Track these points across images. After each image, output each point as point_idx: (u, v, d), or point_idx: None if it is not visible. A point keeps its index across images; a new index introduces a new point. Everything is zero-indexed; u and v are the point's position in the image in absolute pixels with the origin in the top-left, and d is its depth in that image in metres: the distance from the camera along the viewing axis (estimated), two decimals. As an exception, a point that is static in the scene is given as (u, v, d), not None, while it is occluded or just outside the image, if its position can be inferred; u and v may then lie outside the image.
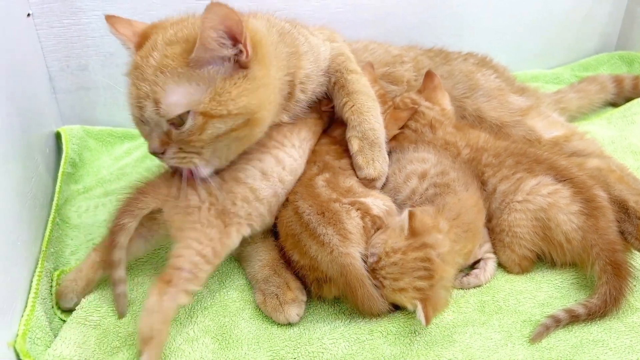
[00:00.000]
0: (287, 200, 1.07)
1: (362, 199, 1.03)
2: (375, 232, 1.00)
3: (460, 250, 1.01)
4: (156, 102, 0.91)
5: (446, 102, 1.28)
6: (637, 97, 1.66)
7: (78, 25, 1.42)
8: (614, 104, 1.69)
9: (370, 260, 0.97)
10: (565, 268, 1.08)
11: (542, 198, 1.03)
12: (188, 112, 0.91)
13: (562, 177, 1.06)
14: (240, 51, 0.92)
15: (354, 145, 1.13)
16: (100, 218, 1.28)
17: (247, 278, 1.09)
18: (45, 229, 1.16)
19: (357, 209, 1.01)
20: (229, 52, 0.92)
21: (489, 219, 1.11)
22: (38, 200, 1.16)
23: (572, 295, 1.03)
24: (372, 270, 0.96)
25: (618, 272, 0.96)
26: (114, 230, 0.96)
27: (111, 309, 1.01)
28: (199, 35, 0.88)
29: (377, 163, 1.12)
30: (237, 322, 1.00)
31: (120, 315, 0.96)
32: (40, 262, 1.06)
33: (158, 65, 0.91)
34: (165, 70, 0.90)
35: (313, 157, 1.14)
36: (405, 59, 1.44)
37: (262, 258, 1.08)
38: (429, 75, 1.29)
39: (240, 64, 0.94)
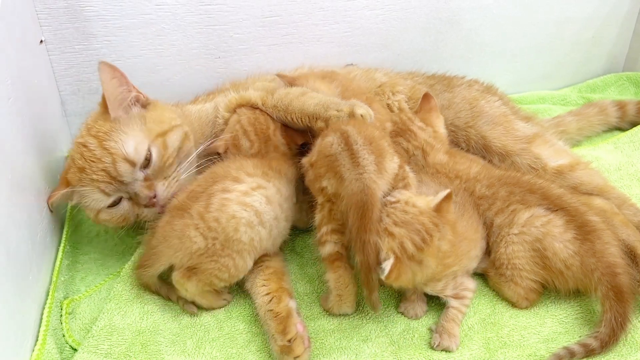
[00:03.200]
0: (327, 131, 1.08)
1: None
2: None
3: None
4: (125, 159, 1.07)
5: (440, 125, 1.29)
6: (643, 121, 1.66)
7: (89, 50, 1.44)
8: (620, 129, 1.69)
9: (389, 198, 1.00)
10: (570, 300, 1.09)
11: (536, 229, 1.05)
12: (148, 150, 1.09)
13: (555, 206, 1.07)
14: (137, 95, 1.15)
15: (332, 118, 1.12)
16: (110, 243, 1.30)
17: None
18: (55, 258, 1.18)
19: (399, 158, 1.06)
20: (131, 94, 1.14)
21: (489, 253, 1.13)
22: (49, 230, 1.18)
23: (576, 331, 1.04)
24: (383, 205, 0.99)
25: (620, 296, 0.97)
26: None
27: (121, 337, 1.03)
28: (106, 93, 1.09)
29: (356, 106, 1.11)
30: (244, 355, 1.02)
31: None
32: (51, 293, 1.08)
33: (99, 143, 1.08)
34: (108, 138, 1.08)
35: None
36: (399, 89, 1.43)
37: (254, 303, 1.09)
38: (426, 96, 1.30)
39: (142, 105, 1.16)
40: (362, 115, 1.09)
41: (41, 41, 1.38)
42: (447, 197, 0.99)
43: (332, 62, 1.64)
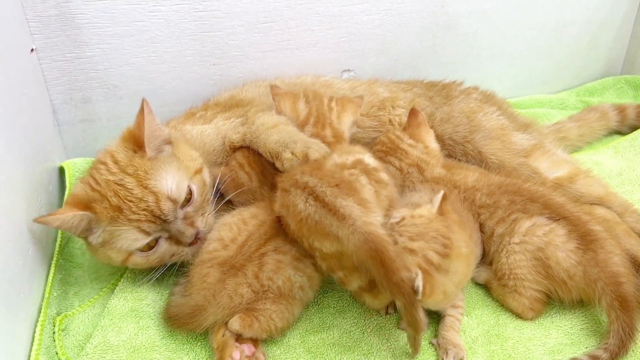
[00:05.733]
0: (284, 185, 1.02)
1: (360, 156, 1.06)
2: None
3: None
4: (169, 198, 1.04)
5: (430, 139, 1.27)
6: (643, 125, 1.65)
7: (81, 58, 1.41)
8: (620, 132, 1.68)
9: (392, 220, 0.98)
10: (575, 310, 1.07)
11: (538, 238, 1.04)
12: (189, 188, 1.08)
13: (557, 215, 1.06)
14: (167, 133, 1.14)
15: (285, 162, 1.09)
16: (104, 255, 1.27)
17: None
18: (48, 273, 1.15)
19: (363, 171, 1.01)
20: (164, 133, 1.12)
21: (490, 262, 1.11)
22: (41, 244, 1.14)
23: (582, 342, 1.02)
24: (389, 229, 0.96)
25: (626, 306, 0.96)
26: None
27: (116, 355, 1.00)
28: (146, 132, 1.06)
29: (311, 149, 1.08)
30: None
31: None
32: (43, 310, 1.05)
33: (139, 182, 1.04)
34: (149, 177, 1.04)
35: None
36: (400, 103, 1.41)
37: None
38: (413, 112, 1.28)
39: (167, 142, 1.13)
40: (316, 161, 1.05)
41: (32, 50, 1.35)
42: (444, 198, 0.99)
43: (329, 68, 1.63)
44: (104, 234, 1.05)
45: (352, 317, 1.09)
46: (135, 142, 1.07)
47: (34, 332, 1.01)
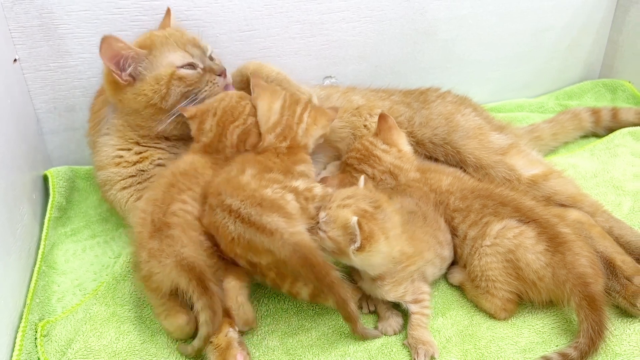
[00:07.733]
0: (212, 208, 1.05)
1: (290, 183, 1.08)
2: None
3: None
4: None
5: (402, 142, 1.28)
6: (618, 127, 1.67)
7: (65, 67, 1.43)
8: (597, 135, 1.71)
9: (321, 194, 1.07)
10: (547, 310, 1.10)
11: (509, 241, 1.06)
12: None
13: (527, 218, 1.08)
14: None
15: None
16: (87, 261, 1.29)
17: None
18: (30, 280, 1.16)
19: (290, 192, 1.05)
20: None
21: (464, 265, 1.14)
22: (23, 251, 1.16)
23: (553, 340, 1.04)
24: (321, 209, 1.03)
25: (594, 305, 0.98)
26: None
27: (97, 359, 1.02)
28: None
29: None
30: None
31: None
32: (25, 316, 1.07)
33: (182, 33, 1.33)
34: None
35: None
36: (377, 111, 1.41)
37: None
38: (382, 117, 1.29)
39: None
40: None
41: (15, 60, 1.37)
42: (366, 180, 1.11)
43: (310, 75, 1.65)
44: (154, 56, 1.22)
45: (330, 320, 1.11)
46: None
47: (15, 337, 1.02)
